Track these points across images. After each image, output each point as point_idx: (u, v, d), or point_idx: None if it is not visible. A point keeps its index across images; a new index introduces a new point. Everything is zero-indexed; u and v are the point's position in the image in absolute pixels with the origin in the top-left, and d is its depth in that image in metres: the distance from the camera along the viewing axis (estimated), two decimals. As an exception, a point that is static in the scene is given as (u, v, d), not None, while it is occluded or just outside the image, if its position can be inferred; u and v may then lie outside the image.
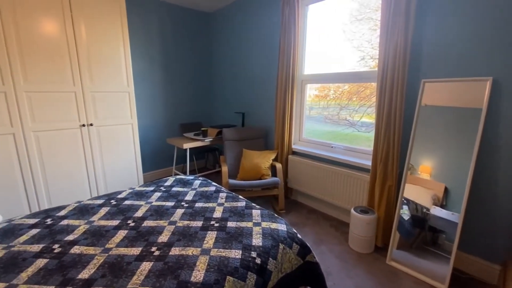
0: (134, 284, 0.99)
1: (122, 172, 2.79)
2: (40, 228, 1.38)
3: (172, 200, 1.74)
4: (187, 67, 3.80)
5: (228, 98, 3.85)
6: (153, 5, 3.29)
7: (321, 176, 2.57)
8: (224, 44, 3.71)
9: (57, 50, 2.22)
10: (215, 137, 3.22)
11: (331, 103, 2.71)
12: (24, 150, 2.17)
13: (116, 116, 2.66)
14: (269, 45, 3.04)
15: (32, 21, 2.08)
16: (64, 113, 2.33)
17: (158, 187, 1.97)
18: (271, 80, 3.08)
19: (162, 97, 3.60)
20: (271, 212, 1.60)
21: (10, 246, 1.23)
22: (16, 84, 2.07)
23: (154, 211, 1.58)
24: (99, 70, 2.48)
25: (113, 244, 1.24)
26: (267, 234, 1.34)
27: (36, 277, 1.04)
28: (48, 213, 1.54)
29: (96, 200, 1.72)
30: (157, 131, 3.62)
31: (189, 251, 1.19)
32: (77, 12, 2.28)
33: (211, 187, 1.99)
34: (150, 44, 3.35)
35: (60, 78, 2.27)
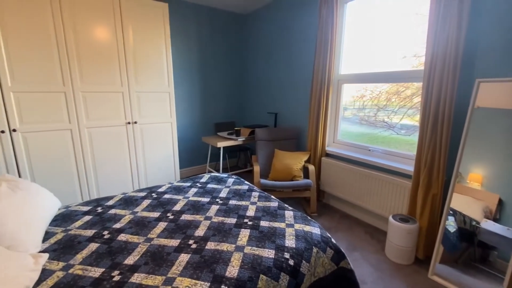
0: (173, 273, 1.05)
1: (161, 167, 2.97)
2: (92, 215, 1.53)
3: (208, 196, 1.80)
4: (222, 68, 3.91)
5: (261, 98, 3.88)
6: (192, 8, 3.44)
7: (356, 180, 2.46)
8: (258, 45, 3.75)
9: (108, 54, 2.43)
10: (248, 136, 3.27)
11: (367, 104, 2.59)
12: (79, 144, 2.41)
13: (157, 115, 2.84)
14: (304, 46, 3.00)
15: (88, 28, 2.30)
16: (113, 111, 2.55)
17: (195, 183, 2.06)
18: (305, 81, 3.03)
19: (198, 97, 3.75)
20: (304, 215, 1.58)
21: (67, 229, 1.38)
22: (74, 85, 2.31)
23: (191, 206, 1.65)
24: (143, 72, 2.66)
25: (155, 235, 1.33)
26: (300, 236, 1.33)
27: (89, 259, 1.15)
28: (99, 202, 1.70)
29: (139, 192, 1.86)
30: (193, 129, 3.78)
31: (223, 247, 1.23)
32: (126, 18, 2.47)
33: (244, 185, 2.03)
34: (189, 46, 3.51)
35: (110, 80, 2.48)
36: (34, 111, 2.18)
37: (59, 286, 0.99)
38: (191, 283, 1.00)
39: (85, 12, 2.27)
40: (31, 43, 2.08)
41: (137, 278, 1.02)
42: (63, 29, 2.19)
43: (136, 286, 0.99)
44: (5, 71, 2.01)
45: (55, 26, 2.15)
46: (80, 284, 0.99)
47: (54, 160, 2.32)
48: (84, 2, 2.25)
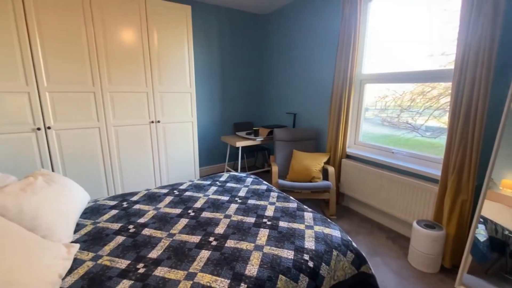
0: (195, 269, 1.08)
1: (182, 165, 3.05)
2: (118, 209, 1.60)
3: (227, 195, 1.83)
4: (241, 68, 3.94)
5: (280, 98, 3.87)
6: (213, 10, 3.49)
7: (378, 183, 2.39)
8: (278, 45, 3.74)
9: (134, 55, 2.54)
10: (266, 136, 3.28)
11: (390, 105, 2.50)
12: (106, 142, 2.54)
13: (179, 114, 2.92)
14: (325, 45, 2.95)
15: (116, 32, 2.41)
16: (138, 111, 2.65)
17: (214, 181, 2.10)
18: (326, 81, 2.98)
19: (218, 97, 3.80)
20: (323, 217, 1.56)
21: (96, 222, 1.46)
22: (103, 86, 2.43)
23: (211, 204, 1.69)
24: (167, 73, 2.75)
25: (177, 231, 1.37)
26: (320, 238, 1.31)
27: (116, 251, 1.21)
28: (124, 197, 1.78)
29: (161, 189, 1.92)
30: (213, 129, 3.85)
31: (243, 245, 1.24)
32: (151, 21, 2.57)
33: (262, 185, 2.03)
34: (209, 47, 3.58)
35: (135, 80, 2.59)
36: (67, 110, 2.32)
37: (89, 275, 1.05)
38: (212, 279, 1.02)
39: (114, 16, 2.38)
40: (64, 46, 2.22)
41: (161, 272, 1.06)
42: (93, 33, 2.31)
43: (160, 279, 1.02)
44: (42, 73, 2.16)
45: (87, 30, 2.28)
46: (108, 275, 1.05)
47: (84, 156, 2.45)
48: (113, 7, 2.36)
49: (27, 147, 2.21)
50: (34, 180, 1.37)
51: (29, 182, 1.34)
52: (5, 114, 2.09)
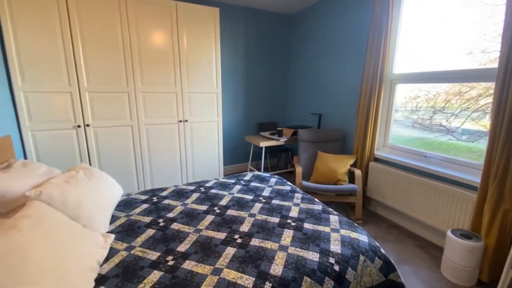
0: (221, 264, 1.11)
1: (207, 163, 3.13)
2: (149, 203, 1.69)
3: (251, 194, 1.85)
4: (266, 68, 3.95)
5: (304, 99, 3.82)
6: (240, 11, 3.54)
7: (409, 188, 2.28)
8: (303, 44, 3.70)
9: (165, 57, 2.65)
10: (290, 137, 3.26)
11: (422, 106, 2.37)
12: (138, 139, 2.68)
13: (206, 114, 3.00)
14: (353, 44, 2.87)
15: (149, 35, 2.54)
16: (167, 110, 2.77)
17: (239, 180, 2.13)
18: (354, 81, 2.90)
19: (242, 97, 3.85)
20: (350, 221, 1.52)
21: (129, 215, 1.55)
22: (136, 86, 2.57)
23: (236, 202, 1.71)
24: (195, 74, 2.84)
25: (203, 226, 1.41)
26: (346, 242, 1.29)
27: (147, 243, 1.27)
28: (154, 192, 1.86)
29: (189, 186, 1.99)
30: (237, 128, 3.90)
31: (267, 245, 1.25)
32: (181, 24, 2.67)
33: (286, 186, 2.03)
34: (235, 48, 3.63)
35: (166, 81, 2.70)
36: (103, 109, 2.48)
37: (123, 263, 1.12)
38: (237, 275, 1.04)
39: (147, 20, 2.51)
40: (102, 49, 2.38)
41: (189, 265, 1.11)
42: (128, 36, 2.45)
43: (188, 272, 1.06)
44: (83, 74, 2.34)
45: (122, 33, 2.43)
46: (140, 264, 1.11)
47: (117, 152, 2.61)
48: (147, 12, 2.49)
49: (68, 143, 2.40)
50: (76, 173, 1.49)
51: (71, 175, 1.46)
52: (51, 112, 2.29)
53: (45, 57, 2.18)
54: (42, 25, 2.14)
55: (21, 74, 2.14)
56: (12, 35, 2.06)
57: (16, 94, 2.14)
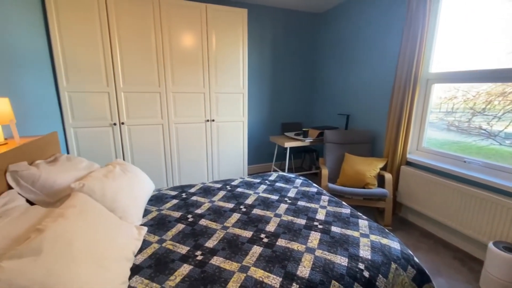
0: (248, 262, 1.12)
1: (232, 162, 3.18)
2: (178, 199, 1.75)
3: (276, 194, 1.85)
4: (292, 68, 3.92)
5: (332, 99, 3.73)
6: (268, 11, 3.54)
7: (445, 195, 2.13)
8: (331, 44, 3.61)
9: (194, 58, 2.74)
10: (316, 138, 3.20)
11: (459, 107, 2.21)
12: (168, 137, 2.80)
13: (232, 114, 3.05)
14: (384, 42, 2.74)
15: (180, 37, 2.64)
16: (195, 110, 2.86)
17: (264, 180, 2.14)
18: (385, 80, 2.78)
19: (267, 97, 3.85)
20: (380, 226, 1.46)
21: (160, 209, 1.62)
22: (167, 87, 2.69)
23: (261, 202, 1.72)
24: (222, 74, 2.90)
25: (230, 224, 1.44)
26: (377, 248, 1.24)
27: (177, 237, 1.32)
28: (183, 189, 1.93)
29: (215, 184, 2.04)
30: (261, 128, 3.91)
31: (294, 246, 1.24)
32: (211, 25, 2.73)
33: (312, 188, 2.00)
34: (261, 48, 3.64)
35: (195, 81, 2.79)
36: (137, 108, 2.62)
37: (155, 255, 1.17)
38: (264, 274, 1.05)
39: (179, 22, 2.60)
40: (137, 52, 2.51)
41: (216, 261, 1.13)
42: (161, 39, 2.57)
43: (216, 267, 1.09)
44: (119, 76, 2.49)
45: (156, 37, 2.54)
46: (171, 257, 1.16)
47: (149, 149, 2.75)
48: (179, 15, 2.58)
49: (105, 140, 2.57)
50: (113, 168, 1.58)
51: (109, 170, 1.56)
52: (90, 111, 2.46)
53: (86, 60, 2.36)
54: (85, 31, 2.31)
55: (66, 75, 2.33)
56: (58, 40, 2.25)
57: (61, 94, 2.34)
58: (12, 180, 1.26)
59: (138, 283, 1.00)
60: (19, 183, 1.27)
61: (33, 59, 2.01)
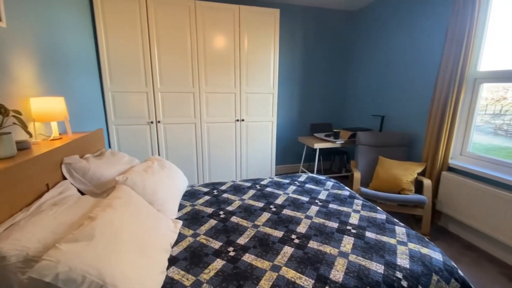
0: (279, 262, 1.12)
1: (260, 161, 3.21)
2: (210, 196, 1.81)
3: (306, 196, 1.82)
4: (323, 68, 3.84)
5: (364, 99, 3.59)
6: (300, 10, 3.51)
7: (492, 205, 1.95)
8: (366, 41, 3.47)
9: (226, 59, 2.80)
10: (347, 140, 3.10)
11: (508, 109, 2.00)
12: (200, 136, 2.90)
13: (261, 114, 3.07)
14: (425, 39, 2.57)
15: (213, 38, 2.72)
16: (226, 109, 2.92)
17: (293, 181, 2.12)
18: (425, 80, 2.60)
19: (297, 97, 3.81)
20: (419, 234, 1.38)
21: (193, 204, 1.68)
22: (200, 87, 2.78)
23: (291, 202, 1.71)
24: (253, 74, 2.93)
25: (260, 223, 1.45)
26: (416, 258, 1.17)
27: (210, 232, 1.37)
28: (215, 186, 1.99)
29: (245, 182, 2.07)
30: (290, 129, 3.88)
31: (326, 249, 1.22)
32: (243, 27, 2.78)
33: (344, 191, 1.94)
34: (292, 48, 3.61)
35: (226, 82, 2.86)
36: (172, 107, 2.75)
37: (190, 248, 1.22)
38: (296, 275, 1.04)
39: (213, 25, 2.68)
40: (174, 54, 2.63)
41: (248, 258, 1.15)
42: (196, 41, 2.66)
43: (248, 264, 1.11)
44: (157, 77, 2.63)
45: (191, 39, 2.65)
46: (205, 251, 1.20)
47: (182, 147, 2.87)
48: (213, 18, 2.66)
49: (143, 137, 2.73)
50: (152, 164, 1.68)
51: (148, 165, 1.66)
52: (130, 110, 2.63)
53: (128, 62, 2.53)
54: (127, 35, 2.47)
55: (110, 77, 2.52)
56: (105, 45, 2.44)
57: (105, 93, 2.53)
58: (67, 172, 1.40)
59: (175, 273, 1.06)
60: (72, 175, 1.40)
61: (83, 62, 2.20)
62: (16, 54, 1.36)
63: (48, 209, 1.05)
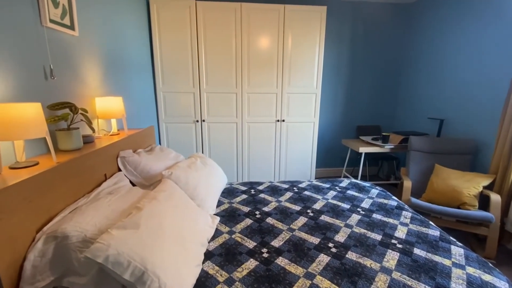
0: (314, 270, 1.08)
1: (299, 163, 3.14)
2: (247, 195, 1.83)
3: (348, 203, 1.72)
4: (373, 66, 3.58)
5: (419, 101, 3.25)
6: (348, 6, 3.32)
7: None
8: (421, 39, 3.12)
9: (269, 59, 2.81)
10: (398, 144, 2.84)
11: None
12: (240, 135, 2.96)
13: (303, 114, 3.00)
14: (492, 36, 2.20)
15: (257, 39, 2.74)
16: (267, 110, 2.94)
17: (333, 186, 2.03)
18: (496, 79, 2.23)
19: (342, 97, 3.63)
20: (481, 258, 1.19)
21: (231, 202, 1.73)
22: (243, 87, 2.84)
23: (330, 208, 1.64)
24: (296, 74, 2.88)
25: (296, 227, 1.42)
26: (475, 285, 1.01)
27: (245, 231, 1.39)
28: (252, 185, 2.01)
29: (282, 184, 2.05)
30: (333, 130, 3.72)
31: (367, 262, 1.13)
32: (288, 26, 2.75)
33: (391, 200, 1.78)
34: (339, 46, 3.44)
35: (268, 82, 2.86)
36: (216, 107, 2.86)
37: (226, 245, 1.26)
38: (331, 286, 0.99)
39: (258, 25, 2.71)
40: (219, 56, 2.74)
41: (282, 262, 1.13)
42: (241, 42, 2.73)
43: (281, 268, 1.09)
44: (203, 78, 2.76)
45: (236, 40, 2.72)
46: (239, 250, 1.22)
47: (223, 145, 2.97)
48: (258, 18, 2.69)
49: (189, 134, 2.90)
50: (195, 160, 1.78)
51: (192, 161, 1.75)
52: (179, 109, 2.82)
53: (178, 64, 2.71)
54: (178, 39, 2.65)
55: (162, 78, 2.73)
56: (159, 50, 2.65)
57: (158, 93, 2.76)
58: (121, 164, 1.56)
59: (210, 268, 1.09)
60: (126, 167, 1.56)
61: (139, 64, 2.43)
62: (86, 59, 1.56)
63: (104, 197, 1.18)
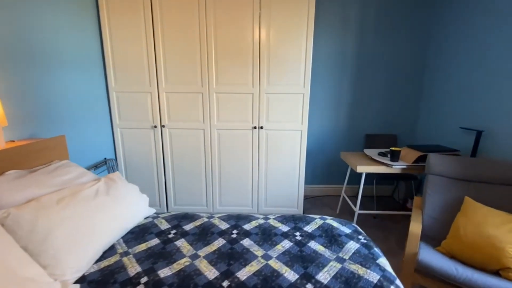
0: None
1: (283, 180, 2.50)
2: (160, 239, 1.28)
3: (298, 269, 1.07)
4: (385, 62, 2.79)
5: (448, 103, 2.41)
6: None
7: None
8: (452, 30, 2.29)
9: (242, 52, 2.23)
10: (412, 163, 2.08)
11: None
12: (209, 144, 2.42)
13: (286, 120, 2.37)
14: None
15: (226, 28, 2.18)
16: (241, 114, 2.35)
17: (295, 229, 1.38)
18: None
19: (345, 99, 2.90)
20: None
21: (126, 253, 1.20)
22: (210, 86, 2.29)
23: (263, 280, 1.01)
24: (276, 71, 2.26)
25: None
26: None
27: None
28: (180, 222, 1.44)
29: (221, 222, 1.43)
30: (331, 140, 3.00)
31: None
32: (265, 12, 2.15)
33: (374, 266, 1.10)
34: (345, 37, 2.72)
35: (242, 80, 2.28)
36: (178, 110, 2.36)
37: None
38: None
39: (226, 10, 2.15)
40: (180, 48, 2.23)
41: None
42: (205, 30, 2.19)
43: None
44: (161, 74, 2.27)
45: (200, 28, 2.19)
46: None
47: (188, 155, 2.46)
48: (227, 2, 2.13)
49: (147, 142, 2.42)
50: (91, 187, 1.27)
51: (77, 190, 1.23)
52: (134, 112, 2.36)
53: (132, 59, 2.25)
54: (131, 29, 2.19)
55: (114, 75, 2.30)
56: (109, 42, 2.22)
57: (110, 94, 2.33)
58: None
59: None
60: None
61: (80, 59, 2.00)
62: None
63: None
